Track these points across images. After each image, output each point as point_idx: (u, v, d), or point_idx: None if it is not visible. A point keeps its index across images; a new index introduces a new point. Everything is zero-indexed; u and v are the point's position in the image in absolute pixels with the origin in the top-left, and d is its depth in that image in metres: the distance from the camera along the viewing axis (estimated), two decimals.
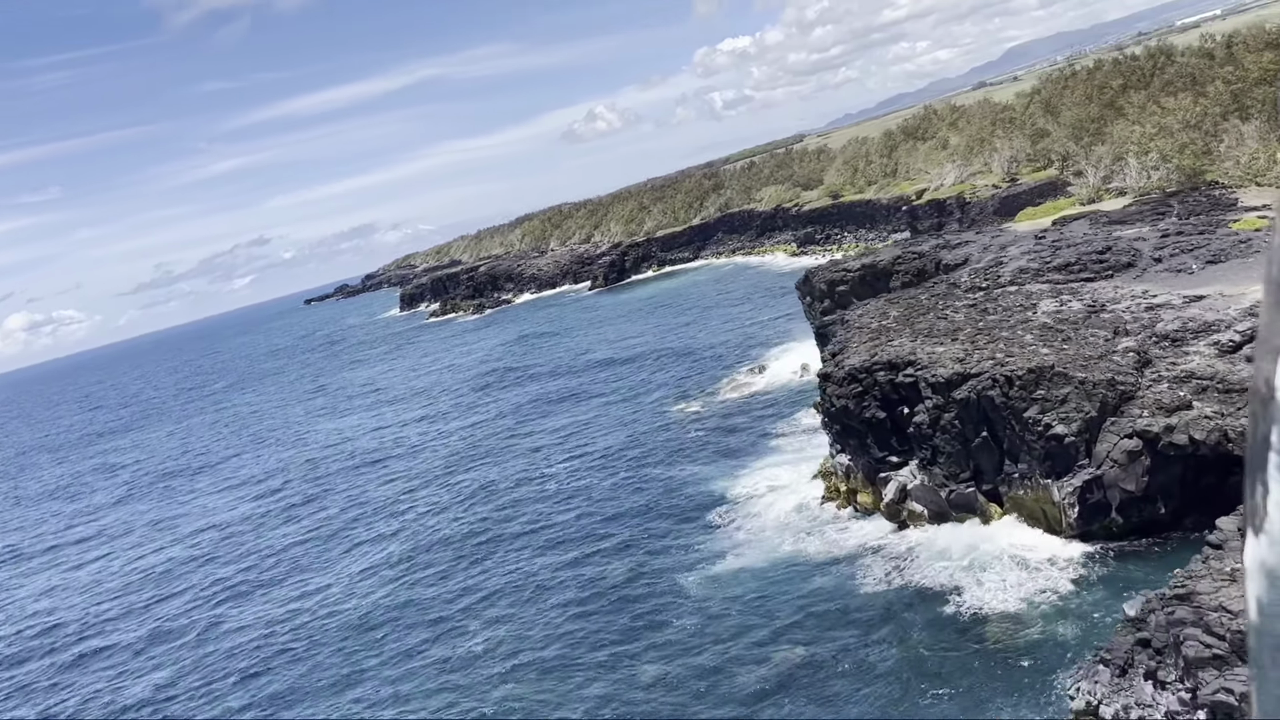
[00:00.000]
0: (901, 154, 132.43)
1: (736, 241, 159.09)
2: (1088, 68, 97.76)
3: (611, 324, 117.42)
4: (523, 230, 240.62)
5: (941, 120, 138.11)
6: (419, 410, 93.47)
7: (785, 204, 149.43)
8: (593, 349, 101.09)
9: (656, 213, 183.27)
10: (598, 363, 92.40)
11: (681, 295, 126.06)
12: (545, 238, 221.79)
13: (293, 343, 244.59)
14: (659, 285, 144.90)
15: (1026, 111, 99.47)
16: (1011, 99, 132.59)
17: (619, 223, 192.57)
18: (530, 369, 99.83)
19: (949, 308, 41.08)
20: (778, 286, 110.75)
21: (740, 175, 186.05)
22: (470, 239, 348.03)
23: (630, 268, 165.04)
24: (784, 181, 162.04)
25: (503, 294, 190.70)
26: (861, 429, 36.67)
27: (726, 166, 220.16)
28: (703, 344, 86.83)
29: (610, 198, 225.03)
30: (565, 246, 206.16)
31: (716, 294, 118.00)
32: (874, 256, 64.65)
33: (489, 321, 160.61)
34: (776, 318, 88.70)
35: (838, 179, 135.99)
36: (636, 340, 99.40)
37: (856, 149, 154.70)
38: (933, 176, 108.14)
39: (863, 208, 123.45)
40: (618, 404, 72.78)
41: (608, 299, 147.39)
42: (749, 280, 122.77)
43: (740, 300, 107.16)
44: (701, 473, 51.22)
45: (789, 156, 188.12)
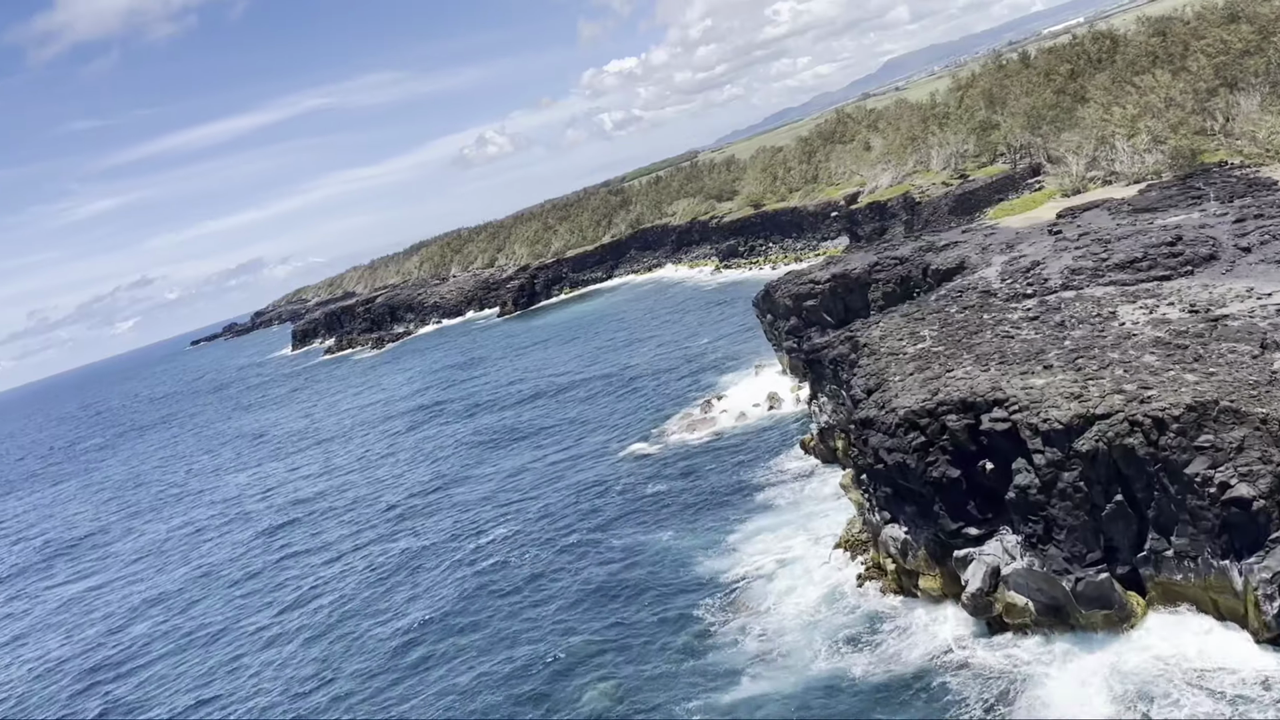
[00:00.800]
0: (821, 159, 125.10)
1: (652, 258, 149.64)
2: (1024, 55, 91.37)
3: (530, 353, 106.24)
4: (421, 257, 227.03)
5: (858, 123, 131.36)
6: (316, 464, 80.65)
7: (701, 217, 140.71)
8: (515, 382, 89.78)
9: (563, 232, 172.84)
10: (522, 399, 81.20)
11: (603, 317, 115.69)
12: (445, 264, 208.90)
13: (176, 390, 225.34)
14: (575, 308, 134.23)
15: (961, 106, 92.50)
16: (926, 97, 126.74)
17: (523, 244, 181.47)
18: (444, 409, 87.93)
19: (1003, 321, 31.65)
20: (708, 303, 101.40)
21: (648, 190, 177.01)
22: (364, 269, 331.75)
23: (541, 291, 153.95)
24: (695, 194, 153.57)
25: (403, 325, 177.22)
26: (926, 492, 26.81)
27: (632, 183, 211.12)
28: (640, 372, 76.49)
29: (512, 219, 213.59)
30: (468, 272, 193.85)
31: (642, 314, 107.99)
32: (844, 265, 55.40)
33: (391, 356, 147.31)
34: (718, 339, 79.00)
35: (757, 188, 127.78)
36: (563, 370, 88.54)
37: (771, 157, 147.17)
38: (866, 179, 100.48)
39: (788, 216, 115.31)
40: (553, 449, 61.82)
41: (520, 325, 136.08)
42: (674, 298, 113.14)
43: (670, 320, 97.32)
44: (676, 541, 40.76)
45: (696, 169, 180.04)
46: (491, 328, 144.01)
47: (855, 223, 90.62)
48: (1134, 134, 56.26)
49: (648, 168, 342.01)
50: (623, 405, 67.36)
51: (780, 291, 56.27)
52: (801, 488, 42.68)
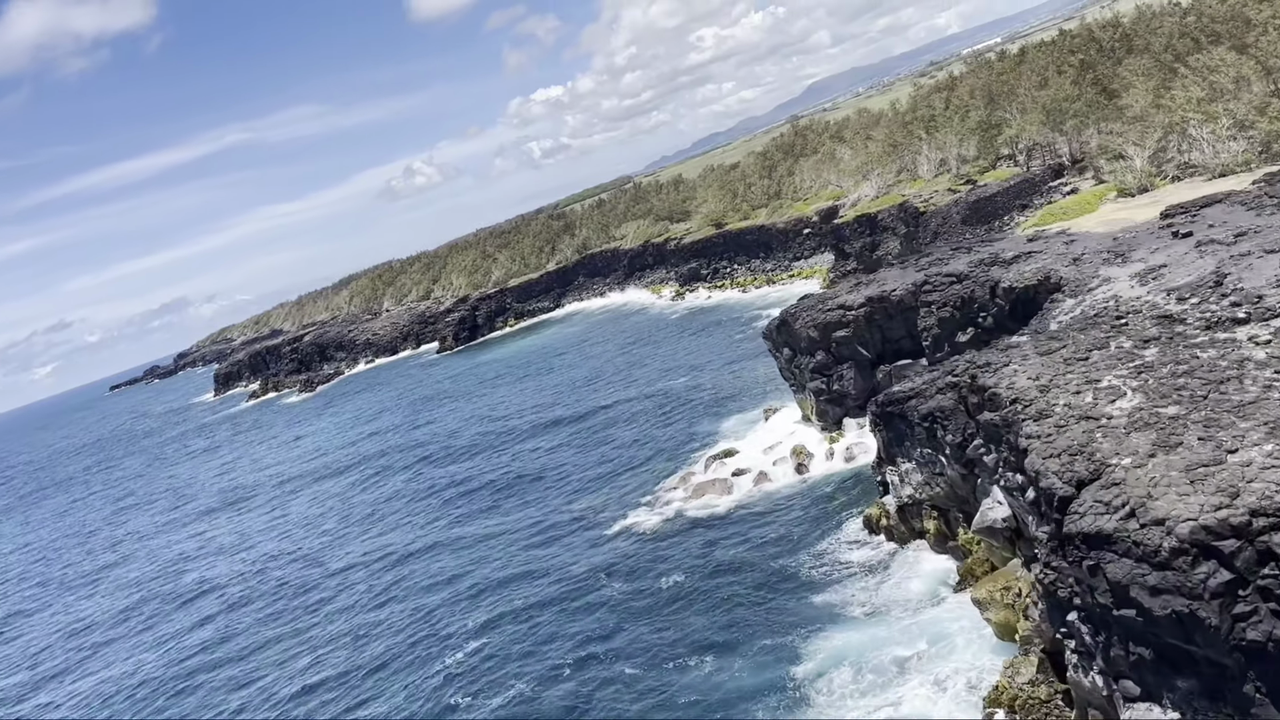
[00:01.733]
0: (783, 173, 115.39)
1: (603, 284, 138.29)
2: (1022, 49, 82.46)
3: (477, 394, 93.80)
4: (351, 291, 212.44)
5: (820, 134, 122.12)
6: (233, 535, 67.22)
7: (655, 239, 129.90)
8: (464, 429, 77.31)
9: (504, 260, 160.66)
10: (475, 449, 68.89)
11: (558, 350, 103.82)
12: (377, 297, 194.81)
13: (89, 442, 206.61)
14: (524, 341, 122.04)
15: (950, 108, 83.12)
16: (886, 106, 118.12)
17: (461, 274, 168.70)
18: (383, 464, 75.08)
19: (1246, 361, 20.75)
20: (677, 331, 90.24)
21: (592, 214, 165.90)
22: (291, 305, 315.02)
23: (484, 323, 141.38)
24: (644, 216, 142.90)
25: (334, 365, 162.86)
26: (1231, 663, 15.66)
27: (574, 206, 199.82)
28: (615, 417, 64.81)
29: (447, 249, 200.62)
30: (402, 305, 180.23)
31: (603, 346, 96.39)
32: (880, 286, 44.58)
33: (322, 400, 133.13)
34: (701, 375, 67.76)
35: (716, 207, 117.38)
36: (520, 414, 76.42)
37: (726, 173, 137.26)
38: (844, 191, 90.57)
39: (754, 235, 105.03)
40: (523, 519, 49.74)
41: (463, 362, 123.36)
42: (636, 326, 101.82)
43: (638, 353, 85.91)
44: (718, 676, 29.12)
45: (642, 190, 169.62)
46: (431, 365, 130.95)
47: (841, 238, 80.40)
48: (1211, 119, 46.66)
49: (580, 194, 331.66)
50: (601, 461, 55.58)
51: (802, 321, 45.25)
52: (878, 585, 31.41)
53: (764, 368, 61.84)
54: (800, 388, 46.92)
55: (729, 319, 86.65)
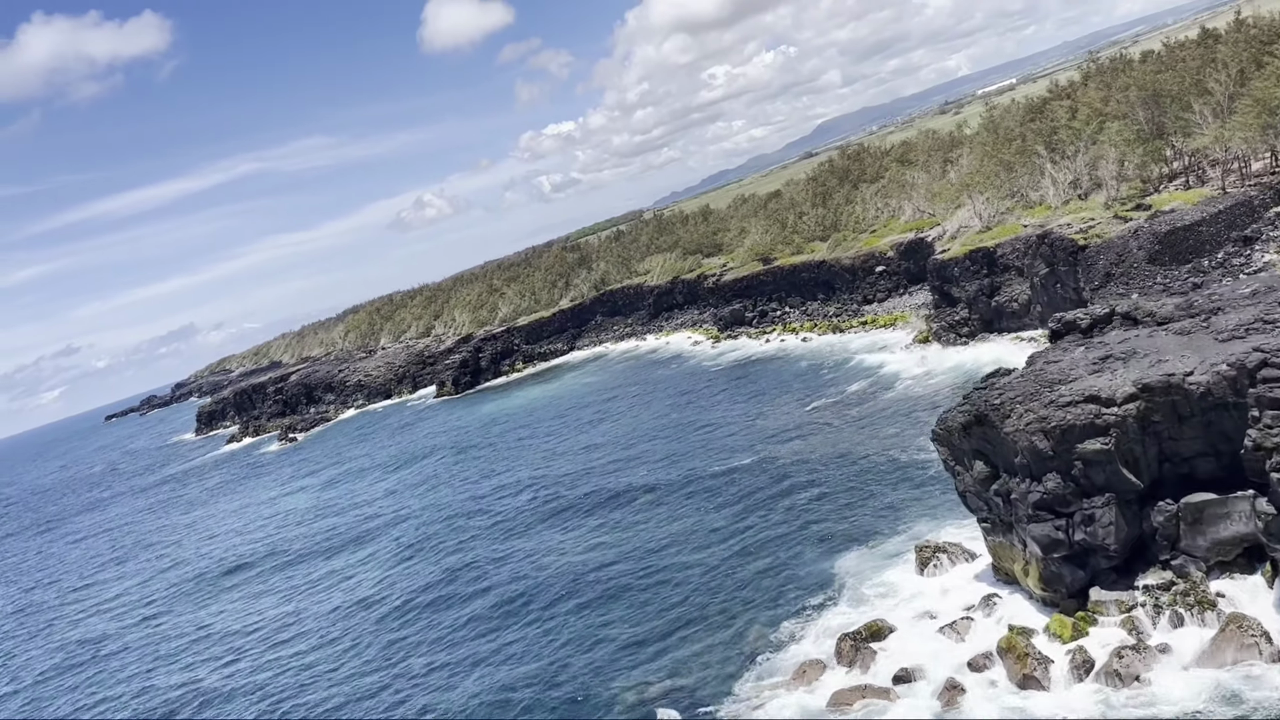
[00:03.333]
0: (839, 201, 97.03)
1: (624, 325, 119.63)
2: (1203, 34, 63.97)
3: (469, 461, 74.76)
4: (347, 325, 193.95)
5: (880, 158, 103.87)
6: (132, 671, 47.88)
7: (685, 275, 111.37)
8: (433, 520, 57.89)
9: (512, 296, 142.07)
10: (440, 555, 49.56)
11: (573, 405, 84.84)
12: (375, 333, 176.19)
13: (60, 481, 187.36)
14: (533, 390, 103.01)
15: (1078, 119, 64.53)
16: (953, 126, 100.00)
17: (465, 310, 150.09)
18: (352, 561, 55.86)
19: None
20: (726, 389, 71.20)
21: (610, 246, 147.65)
22: (293, 336, 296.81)
23: (488, 367, 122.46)
24: (671, 249, 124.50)
25: (320, 408, 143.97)
26: None
27: (590, 238, 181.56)
28: (655, 514, 45.73)
29: (451, 281, 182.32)
30: (400, 343, 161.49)
31: (627, 404, 77.39)
32: (1157, 367, 25.65)
33: (299, 453, 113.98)
34: (772, 454, 48.73)
35: (763, 239, 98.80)
36: (516, 495, 57.42)
37: (767, 203, 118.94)
38: (938, 219, 71.95)
39: (810, 272, 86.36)
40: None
41: (461, 412, 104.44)
42: (669, 380, 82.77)
43: (674, 416, 66.90)
44: None
45: (666, 221, 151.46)
46: (426, 414, 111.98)
47: (945, 278, 61.48)
48: None
49: (591, 227, 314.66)
50: (640, 604, 36.27)
51: (1018, 421, 26.32)
52: None
53: (880, 458, 42.95)
54: (1002, 526, 27.81)
55: (795, 376, 67.73)
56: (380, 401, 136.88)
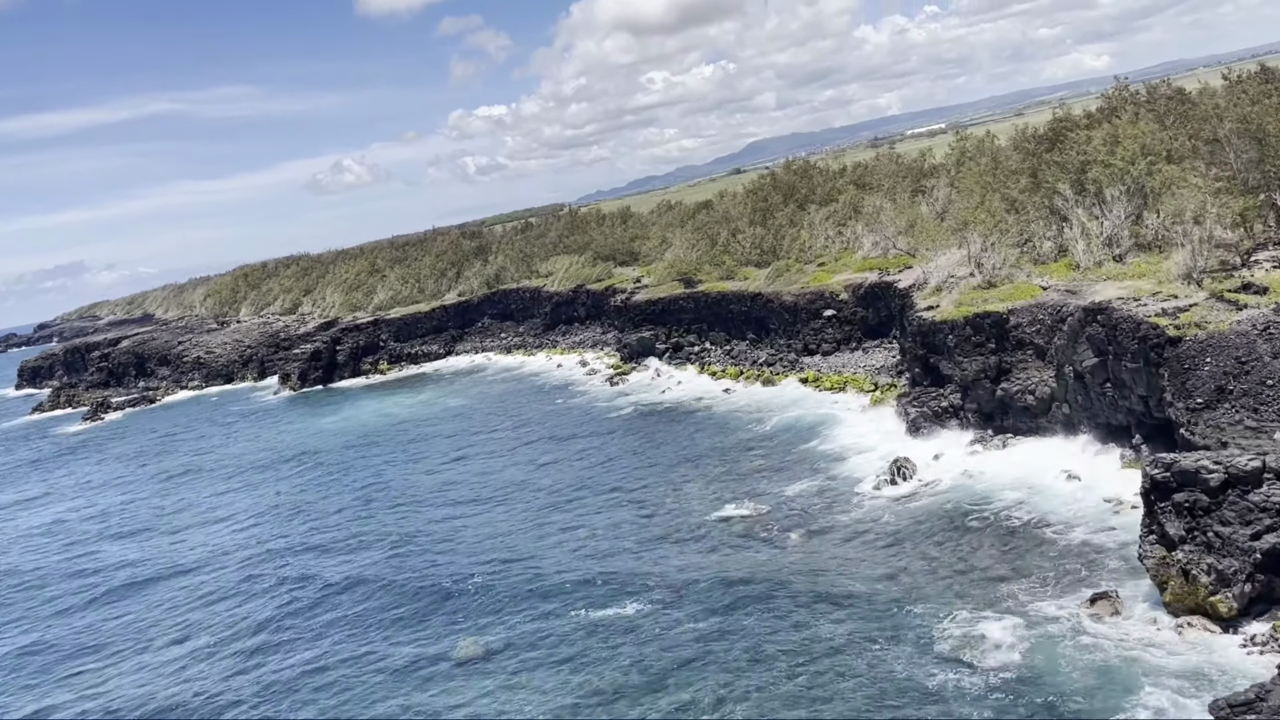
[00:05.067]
0: (783, 221, 79.66)
1: (514, 333, 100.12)
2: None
3: (316, 484, 54.78)
4: (208, 289, 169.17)
5: (833, 178, 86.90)
6: None
7: (592, 284, 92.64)
8: (266, 603, 37.99)
9: (394, 280, 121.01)
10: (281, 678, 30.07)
11: (422, 434, 65.14)
12: (236, 302, 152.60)
13: None
14: (388, 402, 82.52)
15: (1118, 154, 48.08)
16: (915, 154, 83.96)
17: (339, 290, 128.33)
18: (109, 613, 35.42)
19: None
20: (630, 443, 52.57)
21: (514, 239, 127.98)
22: (173, 289, 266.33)
23: (345, 363, 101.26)
24: (581, 251, 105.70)
25: (151, 383, 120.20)
26: None
27: (496, 227, 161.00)
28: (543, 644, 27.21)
29: (334, 255, 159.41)
30: (260, 317, 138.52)
31: (499, 444, 57.99)
32: None
33: (100, 437, 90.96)
34: (684, 611, 30.58)
35: (687, 255, 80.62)
36: (374, 572, 37.90)
37: (696, 214, 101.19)
38: (917, 258, 54.64)
39: (743, 304, 68.63)
40: None
41: (297, 415, 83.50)
42: (557, 418, 63.52)
43: (560, 472, 48.09)
44: None
45: (580, 219, 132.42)
46: (264, 412, 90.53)
47: (930, 346, 44.00)
48: None
49: (509, 215, 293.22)
50: None
51: None
52: None
53: (865, 687, 25.18)
54: None
55: (712, 449, 49.61)
56: (218, 385, 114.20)
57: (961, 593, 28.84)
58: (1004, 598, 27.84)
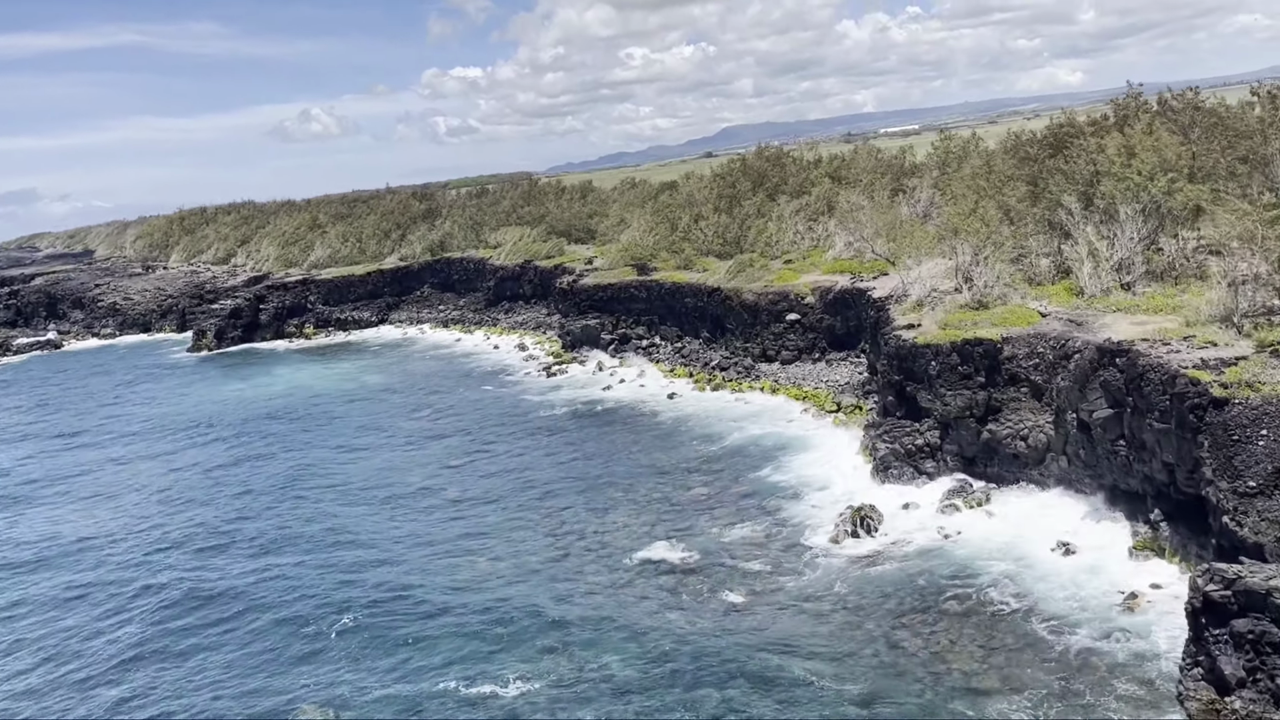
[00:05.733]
0: (750, 211, 72.81)
1: (454, 306, 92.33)
2: None
3: (198, 464, 46.82)
4: (140, 230, 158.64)
5: (808, 168, 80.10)
6: None
7: (541, 260, 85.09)
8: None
9: (333, 237, 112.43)
10: None
11: (357, 408, 57.55)
12: (168, 246, 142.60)
13: None
14: (305, 372, 74.52)
15: (1150, 168, 41.77)
16: (893, 150, 77.56)
17: (276, 243, 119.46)
18: None
19: None
20: (547, 460, 45.47)
21: (467, 205, 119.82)
22: (118, 226, 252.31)
23: (268, 323, 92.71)
24: (535, 223, 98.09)
25: (61, 326, 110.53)
26: None
27: (452, 192, 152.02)
28: None
29: (278, 205, 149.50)
30: (190, 265, 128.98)
31: (404, 440, 50.47)
32: None
33: None
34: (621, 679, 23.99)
35: (644, 239, 73.51)
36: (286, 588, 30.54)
37: (658, 194, 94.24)
38: (896, 265, 48.04)
39: (699, 298, 61.69)
40: None
41: (215, 381, 75.17)
42: (488, 408, 56.03)
43: (455, 493, 40.98)
44: None
45: (538, 190, 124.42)
46: (166, 371, 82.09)
47: (912, 374, 37.27)
48: None
49: (474, 179, 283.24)
50: None
51: None
52: None
53: None
54: None
55: (652, 466, 42.84)
56: (134, 335, 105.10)
57: (934, 705, 22.42)
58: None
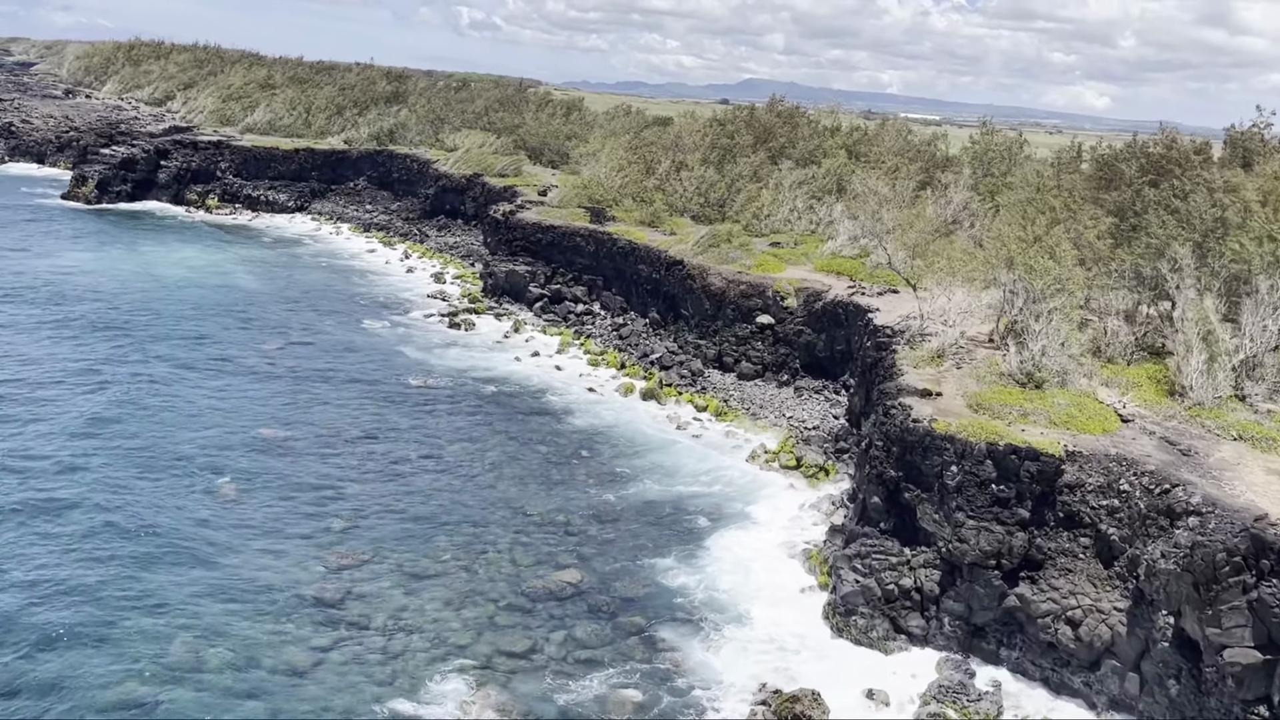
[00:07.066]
0: (743, 173, 58.82)
1: (383, 210, 77.71)
2: None
3: None
4: (85, 52, 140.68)
5: (822, 135, 65.80)
6: None
7: (490, 176, 70.46)
8: None
9: (281, 103, 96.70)
10: None
11: (203, 318, 43.71)
12: (105, 74, 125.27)
13: None
14: (188, 253, 59.63)
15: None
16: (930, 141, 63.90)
17: (217, 96, 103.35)
18: None
19: None
20: (411, 450, 31.89)
21: (435, 97, 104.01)
22: (90, 48, 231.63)
23: (167, 183, 77.46)
24: (503, 133, 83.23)
25: None
26: None
27: (431, 83, 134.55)
28: None
29: (240, 54, 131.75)
30: (119, 100, 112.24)
31: (263, 372, 36.96)
32: None
33: None
34: None
35: (609, 179, 59.26)
36: None
37: (645, 130, 79.68)
38: (914, 284, 34.78)
39: (655, 268, 47.87)
40: None
41: (65, 240, 60.51)
42: (360, 349, 42.59)
43: (316, 456, 27.88)
44: None
45: (521, 97, 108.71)
46: (22, 218, 67.14)
47: (909, 468, 24.32)
48: None
49: (479, 76, 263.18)
50: None
51: None
52: None
53: None
54: None
55: (550, 498, 29.68)
56: (20, 164, 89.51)
57: None
58: None
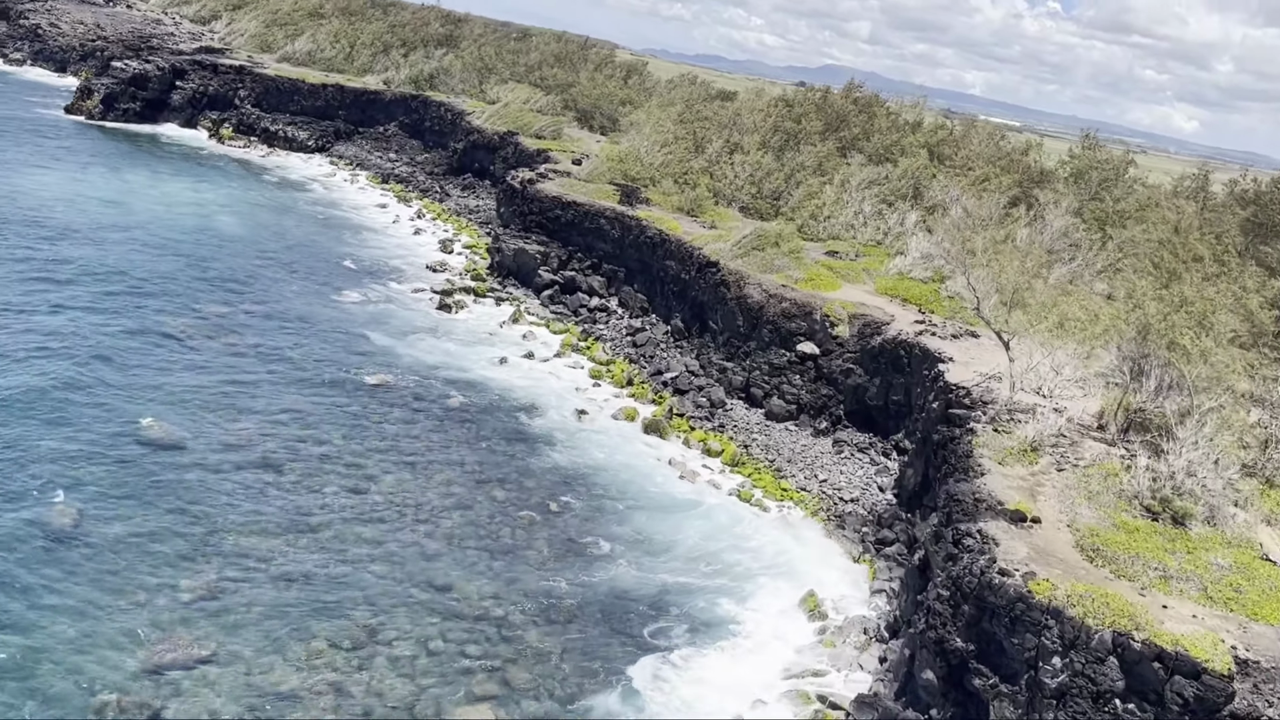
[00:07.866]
0: (805, 164, 50.59)
1: (408, 161, 70.59)
2: None
3: None
4: None
5: (897, 130, 57.06)
6: None
7: (527, 139, 62.82)
8: None
9: (325, 35, 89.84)
10: None
11: (182, 267, 37.03)
12: None
13: None
14: (184, 186, 52.90)
15: None
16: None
17: (260, 20, 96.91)
18: None
19: None
20: (381, 436, 24.81)
21: (488, 46, 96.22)
22: None
23: (182, 107, 71.06)
24: (553, 91, 75.55)
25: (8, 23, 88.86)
26: None
27: (489, 29, 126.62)
28: None
29: None
30: (163, 13, 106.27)
31: (206, 348, 29.94)
32: None
33: None
34: None
35: (649, 152, 51.33)
36: None
37: (701, 104, 71.30)
38: (1002, 332, 26.92)
39: (687, 266, 40.07)
40: None
41: (52, 161, 54.26)
42: (329, 326, 35.70)
43: (239, 480, 21.08)
44: None
45: (583, 55, 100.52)
46: (23, 130, 61.07)
47: (992, 651, 16.89)
48: None
49: (559, 32, 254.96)
50: None
51: None
52: None
53: None
54: None
55: (522, 571, 22.38)
56: (41, 69, 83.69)
57: None
58: None
